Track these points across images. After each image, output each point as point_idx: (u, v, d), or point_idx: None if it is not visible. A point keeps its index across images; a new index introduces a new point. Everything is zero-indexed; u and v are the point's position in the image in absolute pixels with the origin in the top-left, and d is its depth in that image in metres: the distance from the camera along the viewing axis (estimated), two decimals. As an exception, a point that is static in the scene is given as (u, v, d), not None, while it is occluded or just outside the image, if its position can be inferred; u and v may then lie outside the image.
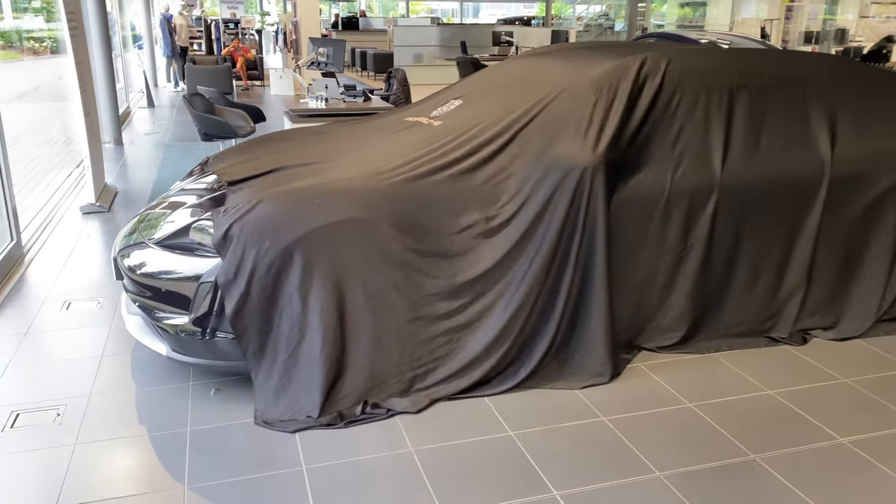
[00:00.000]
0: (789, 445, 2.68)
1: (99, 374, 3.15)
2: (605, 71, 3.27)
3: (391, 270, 2.84)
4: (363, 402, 2.85)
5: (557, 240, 2.94)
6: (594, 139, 3.03)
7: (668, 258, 3.23)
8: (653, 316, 3.32)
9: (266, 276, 2.75)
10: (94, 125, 6.22)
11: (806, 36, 16.19)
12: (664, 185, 3.17)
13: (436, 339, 2.91)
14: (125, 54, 12.87)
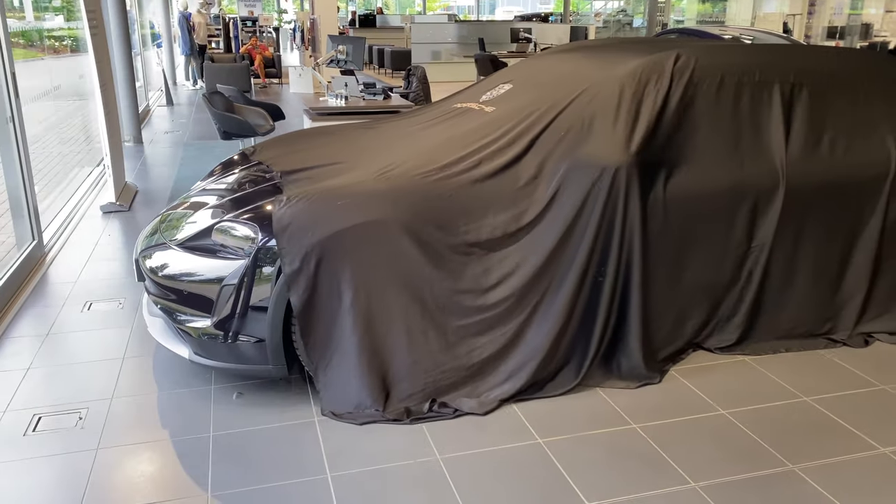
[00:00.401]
0: (828, 455, 2.59)
1: (121, 377, 3.12)
2: (651, 65, 3.19)
3: (452, 270, 2.81)
4: (431, 399, 2.82)
5: (594, 241, 2.88)
6: (637, 136, 2.97)
7: (731, 258, 3.19)
8: (713, 316, 3.28)
9: (331, 267, 2.71)
10: (115, 124, 6.21)
11: (829, 31, 15.94)
12: (726, 184, 3.11)
13: (491, 339, 2.87)
14: (145, 53, 12.92)
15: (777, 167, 3.19)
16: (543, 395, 2.93)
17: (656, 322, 3.12)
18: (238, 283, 2.76)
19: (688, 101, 3.15)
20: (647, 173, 3.00)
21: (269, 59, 15.17)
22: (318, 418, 2.81)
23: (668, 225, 3.05)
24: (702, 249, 3.14)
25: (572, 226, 2.88)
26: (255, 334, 2.79)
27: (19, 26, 6.13)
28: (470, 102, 3.79)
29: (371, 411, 2.77)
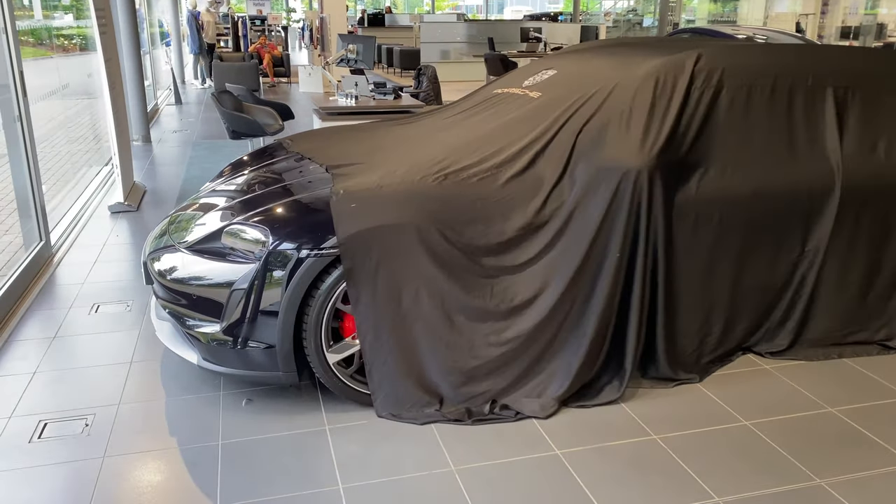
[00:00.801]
0: (857, 470, 2.50)
1: (128, 382, 3.06)
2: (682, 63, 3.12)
3: (505, 273, 2.78)
4: (492, 401, 2.78)
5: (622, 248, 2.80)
6: (687, 138, 2.94)
7: (784, 262, 3.15)
8: (764, 320, 3.23)
9: (390, 266, 2.66)
10: (123, 123, 6.16)
11: (843, 31, 15.79)
12: (781, 186, 3.06)
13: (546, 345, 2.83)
14: (153, 51, 12.89)
15: (832, 168, 3.13)
16: (594, 402, 2.87)
17: (694, 326, 3.05)
18: (248, 287, 2.70)
19: (741, 102, 3.09)
20: (697, 174, 2.96)
21: (278, 58, 15.14)
22: (329, 426, 2.74)
23: (709, 229, 2.97)
24: (753, 253, 3.08)
25: (600, 230, 2.79)
26: (265, 340, 2.72)
27: (26, 25, 6.09)
28: (513, 87, 3.71)
29: (431, 411, 2.76)
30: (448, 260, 2.71)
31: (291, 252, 2.67)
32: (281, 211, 2.88)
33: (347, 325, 2.83)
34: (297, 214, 2.85)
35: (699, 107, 3.02)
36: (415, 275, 2.69)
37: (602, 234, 2.77)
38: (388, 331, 2.71)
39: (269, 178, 3.43)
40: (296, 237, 2.70)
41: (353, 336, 2.81)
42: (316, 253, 2.65)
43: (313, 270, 2.65)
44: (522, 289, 2.79)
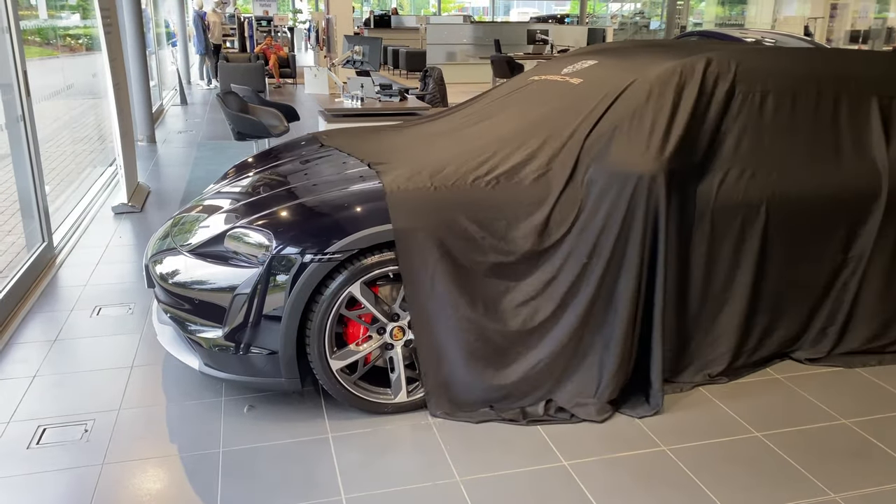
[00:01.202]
0: (872, 484, 2.44)
1: (129, 387, 3.02)
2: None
3: (559, 271, 2.76)
4: (546, 401, 2.78)
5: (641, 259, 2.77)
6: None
7: (826, 268, 3.14)
8: (805, 326, 3.21)
9: (445, 267, 2.65)
10: (128, 123, 6.14)
11: (852, 35, 15.70)
12: (825, 191, 3.05)
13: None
14: (159, 52, 12.88)
15: (879, 174, 3.12)
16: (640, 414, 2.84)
17: (727, 330, 3.03)
18: (251, 292, 2.65)
19: (787, 106, 3.10)
20: (729, 178, 2.95)
21: (284, 59, 15.12)
22: (332, 434, 2.69)
23: (753, 232, 2.97)
24: (794, 258, 3.08)
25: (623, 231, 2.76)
26: (268, 346, 2.67)
27: (33, 24, 6.07)
28: (551, 75, 3.67)
29: (485, 410, 2.77)
30: (499, 261, 2.70)
31: (295, 256, 2.63)
32: (285, 214, 2.83)
33: (351, 331, 2.78)
34: (301, 218, 2.80)
35: (744, 110, 3.02)
36: (469, 276, 2.68)
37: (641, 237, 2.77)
38: (443, 331, 2.70)
39: (274, 181, 3.38)
40: (300, 241, 2.65)
41: (357, 342, 2.76)
42: (320, 258, 2.61)
43: (317, 275, 2.61)
44: (569, 290, 2.76)
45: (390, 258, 2.67)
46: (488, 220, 2.71)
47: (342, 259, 2.62)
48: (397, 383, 2.80)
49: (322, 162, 3.58)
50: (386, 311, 2.76)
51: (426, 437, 2.68)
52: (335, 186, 3.00)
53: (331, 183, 3.09)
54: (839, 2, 15.71)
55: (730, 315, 3.02)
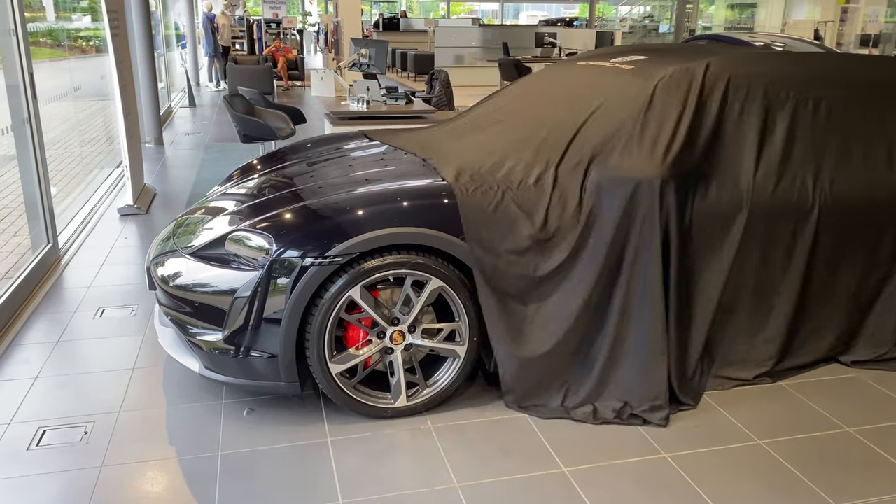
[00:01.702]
0: (875, 494, 2.42)
1: (130, 389, 3.02)
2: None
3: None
4: (624, 403, 2.80)
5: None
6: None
7: (877, 273, 3.20)
8: (856, 332, 3.27)
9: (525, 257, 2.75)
10: (134, 125, 6.16)
11: (862, 38, 15.60)
12: (877, 194, 3.10)
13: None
14: (168, 53, 12.94)
15: None
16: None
17: (754, 336, 3.08)
18: (251, 295, 2.65)
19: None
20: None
21: (293, 62, 15.16)
22: (331, 438, 2.68)
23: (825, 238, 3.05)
24: (842, 262, 3.12)
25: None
26: (268, 350, 2.67)
27: (44, 26, 6.11)
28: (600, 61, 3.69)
29: (555, 405, 2.82)
30: (577, 261, 2.77)
31: (295, 260, 2.62)
32: (286, 217, 2.83)
33: (351, 334, 2.78)
34: (303, 221, 2.80)
35: (797, 114, 3.08)
36: (543, 275, 2.76)
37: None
38: (517, 328, 2.75)
39: (279, 183, 3.39)
40: (300, 245, 2.65)
41: (357, 346, 2.75)
42: (320, 261, 2.60)
43: (317, 279, 2.61)
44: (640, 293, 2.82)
45: (391, 262, 2.66)
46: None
47: (342, 263, 2.61)
48: (397, 388, 2.80)
49: (328, 164, 3.58)
50: (386, 315, 2.75)
51: (425, 442, 2.67)
52: (340, 189, 3.00)
53: (335, 186, 3.09)
54: (849, 5, 15.62)
55: (777, 317, 3.06)
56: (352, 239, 2.62)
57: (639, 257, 2.76)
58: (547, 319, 2.78)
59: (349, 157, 3.69)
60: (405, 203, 2.77)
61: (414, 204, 2.78)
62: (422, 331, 2.81)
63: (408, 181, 3.05)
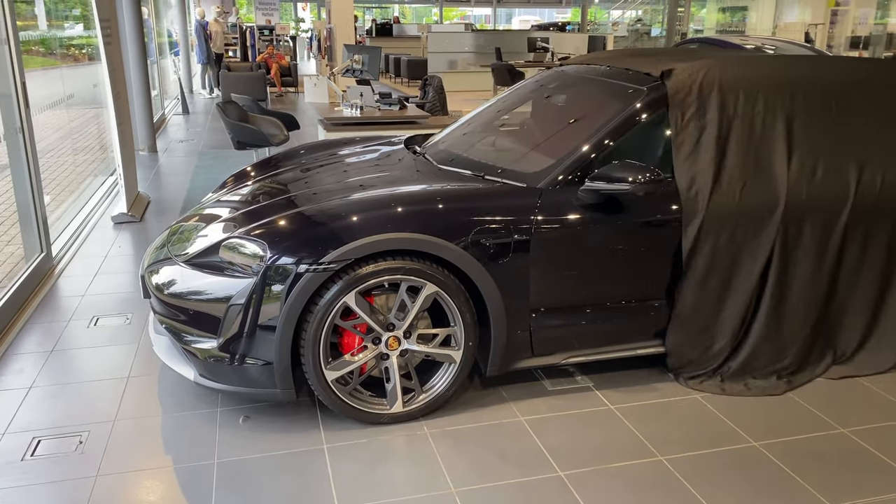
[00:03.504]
0: (870, 494, 2.43)
1: (125, 398, 3.01)
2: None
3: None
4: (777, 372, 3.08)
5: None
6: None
7: None
8: None
9: (726, 252, 2.97)
10: (128, 133, 6.15)
11: (852, 41, 15.70)
12: None
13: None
14: (161, 61, 12.93)
15: None
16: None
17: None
18: (245, 302, 2.65)
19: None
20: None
21: (286, 68, 15.16)
22: (328, 445, 2.68)
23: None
24: None
25: None
26: (263, 357, 2.67)
27: (37, 35, 6.10)
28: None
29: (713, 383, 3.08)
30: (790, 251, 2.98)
31: (290, 266, 2.62)
32: (280, 224, 2.83)
33: (346, 341, 2.78)
34: (297, 227, 2.80)
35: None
36: (746, 264, 2.97)
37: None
38: (709, 307, 3.00)
39: (273, 189, 3.39)
40: (294, 251, 2.65)
41: (352, 353, 2.75)
42: (315, 268, 2.60)
43: (312, 285, 2.60)
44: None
45: (386, 267, 2.66)
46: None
47: (337, 269, 2.61)
48: (393, 393, 2.79)
49: (322, 170, 3.59)
50: (381, 321, 2.75)
51: (422, 447, 2.67)
52: (334, 195, 3.00)
53: (330, 192, 3.09)
54: (839, 8, 15.71)
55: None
56: (346, 245, 2.62)
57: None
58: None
59: (344, 163, 3.69)
60: (399, 209, 2.78)
61: (408, 209, 2.78)
62: (417, 336, 2.81)
63: (402, 187, 3.06)
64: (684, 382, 3.11)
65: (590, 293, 2.97)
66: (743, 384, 3.07)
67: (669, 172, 3.09)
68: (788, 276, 3.03)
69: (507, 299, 2.82)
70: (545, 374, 3.20)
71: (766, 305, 3.03)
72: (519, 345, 2.92)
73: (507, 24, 35.40)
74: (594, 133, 3.06)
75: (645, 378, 3.17)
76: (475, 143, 3.65)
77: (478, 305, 2.82)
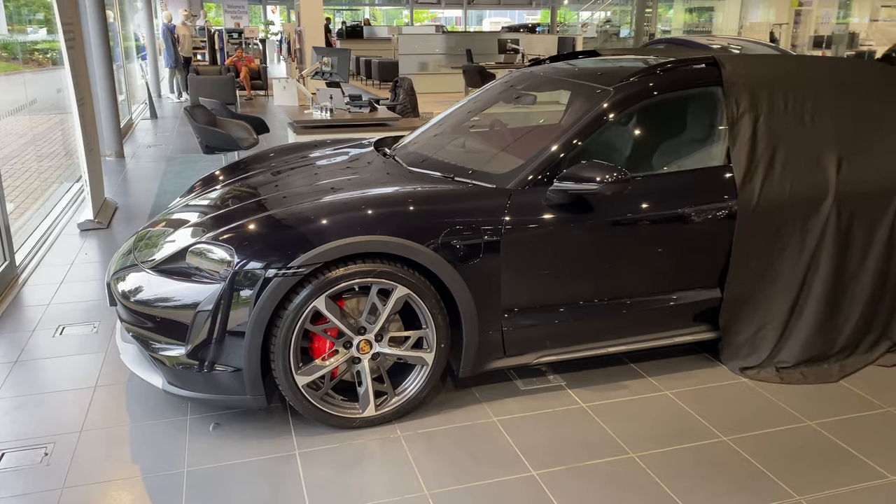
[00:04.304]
0: (837, 486, 2.47)
1: (91, 407, 2.96)
2: None
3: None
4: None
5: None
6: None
7: None
8: None
9: (790, 237, 3.11)
10: (93, 138, 6.05)
11: (815, 40, 16.00)
12: None
13: None
14: (128, 65, 12.74)
15: None
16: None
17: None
18: (213, 308, 2.61)
19: None
20: None
21: (255, 71, 15.04)
22: (300, 451, 2.65)
23: None
24: None
25: None
26: (232, 363, 2.64)
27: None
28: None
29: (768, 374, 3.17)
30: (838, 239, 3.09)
31: (258, 271, 2.59)
32: (249, 228, 2.80)
33: (317, 345, 2.76)
34: (265, 231, 2.77)
35: None
36: (795, 252, 3.10)
37: None
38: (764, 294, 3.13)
39: (242, 193, 3.36)
40: (263, 256, 2.62)
41: (323, 357, 2.73)
42: (284, 272, 2.58)
43: (281, 290, 2.58)
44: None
45: (356, 271, 2.64)
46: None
47: (306, 273, 2.59)
48: (365, 397, 2.78)
49: (293, 173, 3.56)
50: (352, 325, 2.74)
51: (395, 450, 2.66)
52: (305, 198, 2.98)
53: (300, 195, 3.07)
54: (803, 8, 16.01)
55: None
56: (316, 248, 2.60)
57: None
58: None
59: (314, 166, 3.67)
60: (370, 211, 2.77)
61: (379, 212, 2.77)
62: (389, 339, 2.80)
63: (373, 189, 3.05)
64: (740, 373, 3.21)
65: (561, 292, 2.98)
66: (799, 372, 3.17)
67: (639, 171, 3.12)
68: (838, 264, 3.15)
69: (478, 300, 2.82)
70: (518, 374, 3.20)
71: (817, 293, 3.14)
72: (491, 345, 2.92)
73: (478, 25, 35.51)
74: (562, 134, 3.08)
75: (616, 376, 3.19)
76: (445, 144, 3.65)
77: (449, 307, 2.82)
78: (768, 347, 3.18)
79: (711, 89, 3.27)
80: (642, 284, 3.08)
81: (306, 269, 2.58)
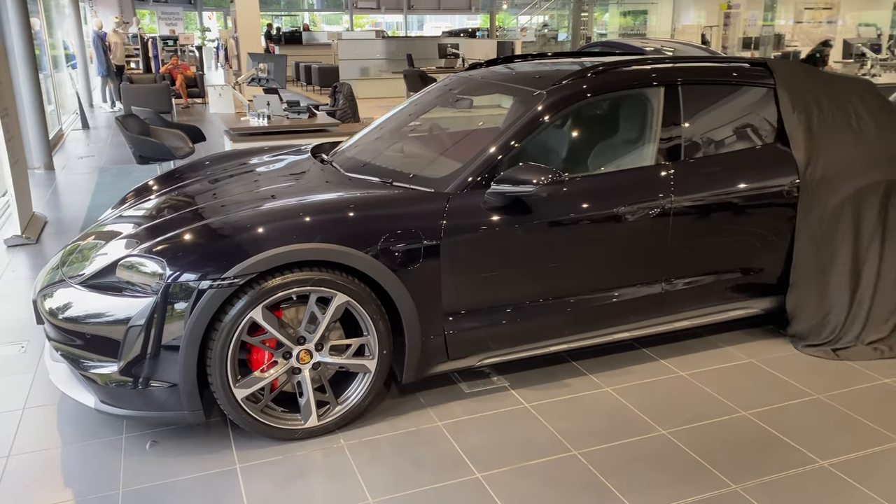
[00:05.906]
0: (770, 472, 2.55)
1: (20, 431, 2.84)
2: None
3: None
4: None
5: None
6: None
7: None
8: None
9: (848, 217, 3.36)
10: (19, 150, 5.82)
11: (744, 42, 16.56)
12: None
13: None
14: (57, 75, 12.30)
15: None
16: None
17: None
18: (146, 323, 2.54)
19: None
20: None
21: (192, 79, 14.71)
22: (240, 465, 2.60)
23: None
24: None
25: None
26: (168, 378, 2.57)
27: None
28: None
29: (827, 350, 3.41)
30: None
31: (192, 283, 2.53)
32: (183, 239, 2.73)
33: (255, 357, 2.71)
34: (199, 242, 2.71)
35: None
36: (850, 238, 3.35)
37: None
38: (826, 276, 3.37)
39: (178, 203, 3.28)
40: (196, 267, 2.56)
41: (262, 369, 2.68)
42: (218, 283, 2.52)
43: (215, 302, 2.52)
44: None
45: (294, 279, 2.61)
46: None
47: (242, 283, 2.54)
48: (307, 408, 2.74)
49: (232, 181, 3.49)
50: (291, 335, 2.70)
51: (338, 460, 2.63)
52: (243, 206, 2.93)
53: (239, 203, 3.01)
54: (731, 10, 16.56)
55: None
56: (251, 258, 2.55)
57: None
58: None
59: (253, 174, 3.61)
60: (307, 218, 2.73)
61: (316, 219, 2.74)
62: (330, 348, 2.77)
63: (314, 195, 3.02)
64: (803, 349, 3.46)
65: (503, 294, 3.00)
66: (853, 350, 3.40)
67: (575, 172, 3.17)
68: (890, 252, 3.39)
69: (419, 305, 2.81)
70: (462, 377, 3.21)
71: (871, 279, 3.40)
72: (434, 350, 2.92)
73: (419, 30, 35.58)
74: (499, 136, 3.10)
75: (559, 374, 3.23)
76: (383, 149, 3.64)
77: (390, 313, 2.81)
78: (834, 329, 3.42)
79: (645, 90, 3.35)
80: (583, 283, 3.12)
81: (241, 279, 2.53)
